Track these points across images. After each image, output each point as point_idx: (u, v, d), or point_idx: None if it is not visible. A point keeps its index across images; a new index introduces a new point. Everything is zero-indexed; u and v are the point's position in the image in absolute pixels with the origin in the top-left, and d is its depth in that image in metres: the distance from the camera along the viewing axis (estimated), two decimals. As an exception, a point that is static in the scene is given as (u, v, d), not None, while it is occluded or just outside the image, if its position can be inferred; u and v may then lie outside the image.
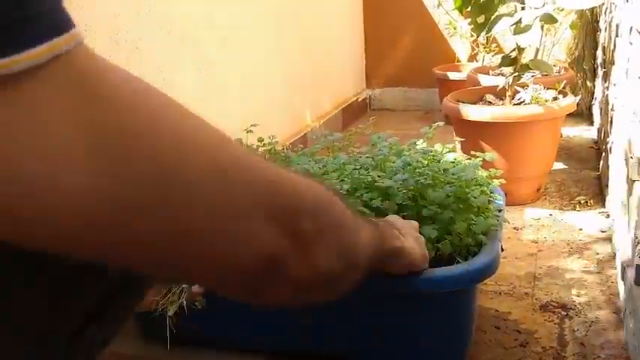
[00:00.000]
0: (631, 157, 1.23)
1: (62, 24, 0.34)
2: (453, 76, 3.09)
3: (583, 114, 2.94)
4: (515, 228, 1.82)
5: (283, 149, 1.75)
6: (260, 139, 1.52)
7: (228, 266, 0.42)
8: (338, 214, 0.54)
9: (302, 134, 2.61)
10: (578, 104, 2.49)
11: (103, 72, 0.36)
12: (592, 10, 2.74)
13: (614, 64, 1.96)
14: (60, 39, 0.33)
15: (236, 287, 0.46)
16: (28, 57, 0.32)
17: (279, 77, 2.49)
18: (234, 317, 1.12)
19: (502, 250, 1.16)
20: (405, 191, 1.10)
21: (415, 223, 0.94)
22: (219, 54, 2.01)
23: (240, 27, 2.15)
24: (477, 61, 3.16)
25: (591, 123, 2.89)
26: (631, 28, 1.46)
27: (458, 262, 1.06)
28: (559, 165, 2.31)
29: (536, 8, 1.87)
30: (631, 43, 1.46)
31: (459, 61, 3.31)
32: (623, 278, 1.29)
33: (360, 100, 3.46)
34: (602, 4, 2.45)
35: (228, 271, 0.43)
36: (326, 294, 0.54)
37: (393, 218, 0.92)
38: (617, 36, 1.90)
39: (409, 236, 0.85)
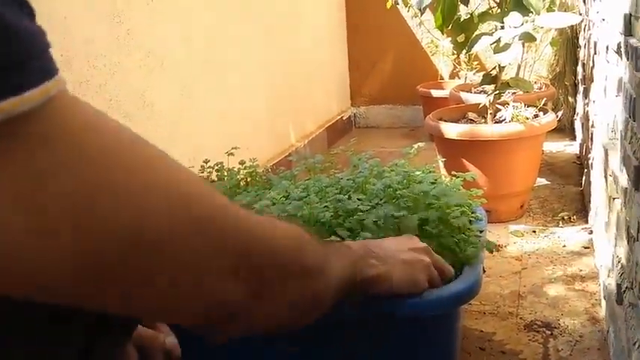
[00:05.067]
0: (610, 175, 1.24)
1: (52, 68, 0.34)
2: (436, 93, 3.11)
3: (565, 129, 2.96)
4: (499, 245, 1.81)
5: (265, 171, 1.74)
6: (242, 162, 1.51)
7: (190, 313, 0.44)
8: (307, 264, 0.55)
9: (286, 154, 2.61)
10: (560, 119, 2.52)
11: (84, 123, 0.36)
12: (572, 27, 2.78)
13: (593, 81, 1.98)
14: (50, 82, 0.34)
15: (196, 326, 0.47)
16: (29, 98, 0.32)
17: (262, 98, 2.49)
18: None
19: (484, 271, 1.15)
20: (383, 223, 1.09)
21: (409, 236, 0.93)
22: (200, 76, 2.01)
23: (221, 48, 2.15)
24: (459, 78, 3.18)
25: (574, 138, 2.91)
26: (607, 46, 1.47)
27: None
28: (542, 181, 2.32)
29: (515, 27, 1.89)
30: (608, 62, 1.48)
31: (441, 78, 3.33)
32: (605, 296, 1.29)
33: (344, 118, 3.47)
34: (582, 21, 2.48)
35: (189, 316, 0.45)
36: (296, 323, 0.57)
37: (378, 242, 0.89)
38: (595, 53, 1.92)
39: (392, 262, 0.83)
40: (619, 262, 1.09)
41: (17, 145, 0.32)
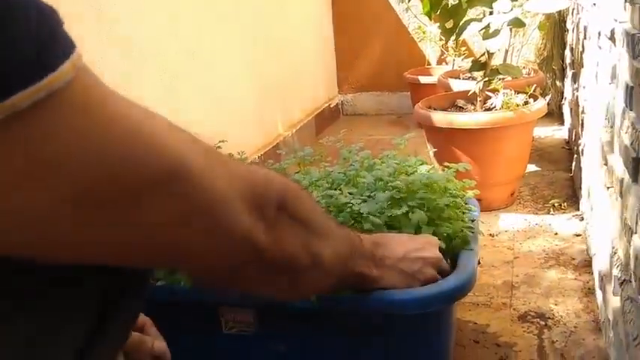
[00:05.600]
0: (605, 165, 1.22)
1: (72, 41, 0.36)
2: (424, 80, 3.08)
3: (554, 114, 2.95)
4: (490, 235, 1.80)
5: (253, 163, 1.70)
6: (230, 155, 1.48)
7: (216, 250, 0.46)
8: (305, 210, 0.57)
9: (275, 144, 2.57)
10: (548, 104, 2.50)
11: (103, 95, 0.39)
12: (559, 10, 2.75)
13: (583, 66, 1.96)
14: (75, 54, 0.35)
15: (217, 268, 0.50)
16: (61, 74, 0.34)
17: (248, 87, 2.45)
18: None
19: (479, 263, 1.14)
20: (378, 215, 1.06)
21: (428, 241, 0.92)
22: (186, 67, 1.97)
23: (207, 38, 2.11)
24: (446, 64, 3.16)
25: (562, 122, 2.90)
26: (599, 32, 1.45)
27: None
28: (532, 167, 2.31)
29: (504, 12, 1.86)
30: (600, 47, 1.45)
31: (429, 64, 3.30)
32: (601, 288, 1.28)
33: (332, 106, 3.44)
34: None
35: (214, 255, 0.47)
36: (292, 285, 0.59)
37: (388, 243, 0.87)
38: (585, 38, 1.90)
39: (388, 269, 0.83)
40: (615, 253, 1.07)
41: (54, 117, 0.34)
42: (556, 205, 1.99)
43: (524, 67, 2.69)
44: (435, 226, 1.09)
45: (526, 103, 1.98)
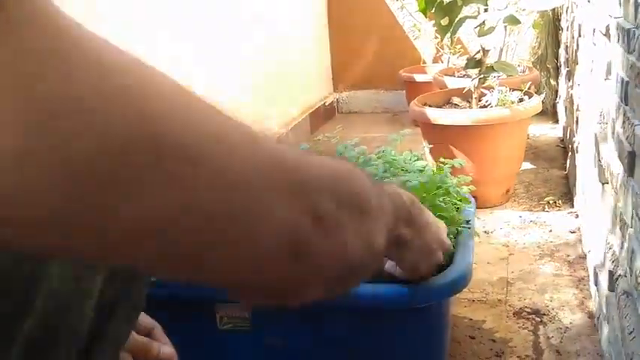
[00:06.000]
0: (599, 160, 1.22)
1: None
2: (419, 78, 3.08)
3: (548, 112, 2.95)
4: (485, 232, 1.80)
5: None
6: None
7: (249, 250, 0.34)
8: (359, 197, 0.45)
9: (269, 142, 2.57)
10: (542, 102, 2.51)
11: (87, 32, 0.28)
12: (553, 9, 2.76)
13: (577, 63, 1.96)
14: None
15: (263, 281, 0.38)
16: None
17: (244, 85, 2.44)
18: None
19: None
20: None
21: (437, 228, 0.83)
22: (180, 65, 1.96)
23: (201, 35, 2.10)
24: (442, 62, 3.16)
25: (556, 121, 2.91)
26: (594, 29, 1.45)
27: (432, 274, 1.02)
28: (527, 165, 2.32)
29: (499, 10, 1.87)
30: (595, 44, 1.46)
31: (424, 62, 3.31)
32: (595, 283, 1.28)
33: (327, 104, 3.43)
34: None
35: (250, 258, 0.35)
36: (352, 285, 0.46)
37: (422, 213, 0.70)
38: (579, 36, 1.91)
39: (417, 236, 0.67)
40: (610, 248, 1.08)
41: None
42: (551, 202, 1.99)
43: (519, 66, 2.69)
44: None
45: (521, 100, 1.99)
